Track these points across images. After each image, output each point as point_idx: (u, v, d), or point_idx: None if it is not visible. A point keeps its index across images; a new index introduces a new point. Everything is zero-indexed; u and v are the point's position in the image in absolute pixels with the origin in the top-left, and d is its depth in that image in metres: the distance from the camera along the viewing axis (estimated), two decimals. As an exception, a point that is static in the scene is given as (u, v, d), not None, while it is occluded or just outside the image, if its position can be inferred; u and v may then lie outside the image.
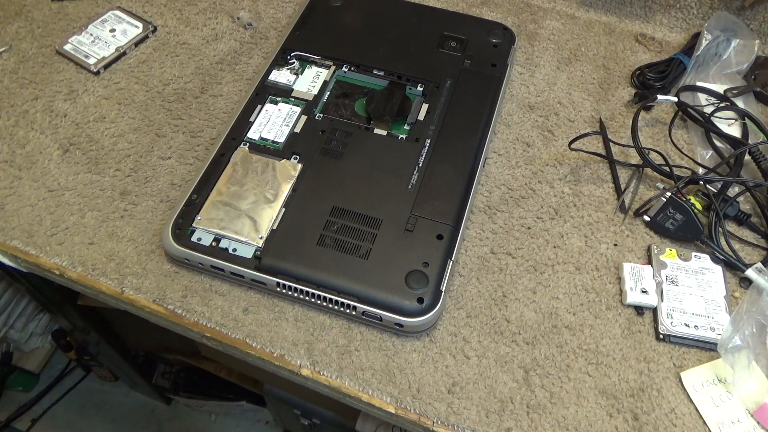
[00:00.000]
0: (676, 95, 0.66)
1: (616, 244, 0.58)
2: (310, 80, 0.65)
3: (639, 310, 0.54)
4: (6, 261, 0.58)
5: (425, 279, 0.51)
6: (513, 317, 0.53)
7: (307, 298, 0.52)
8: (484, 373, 0.50)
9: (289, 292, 0.52)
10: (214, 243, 0.53)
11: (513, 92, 0.70)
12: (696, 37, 0.71)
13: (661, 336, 0.52)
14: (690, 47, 0.71)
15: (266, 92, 0.64)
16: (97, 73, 0.69)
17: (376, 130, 0.61)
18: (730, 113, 0.65)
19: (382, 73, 0.65)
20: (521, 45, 0.74)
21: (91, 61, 0.69)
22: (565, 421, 0.48)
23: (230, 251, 0.52)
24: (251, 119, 0.61)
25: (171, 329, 0.55)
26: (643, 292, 0.53)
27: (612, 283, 0.56)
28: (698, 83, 0.68)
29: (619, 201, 0.61)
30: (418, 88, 0.65)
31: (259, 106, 0.62)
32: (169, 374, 1.26)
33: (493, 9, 0.78)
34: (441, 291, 0.51)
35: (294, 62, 0.66)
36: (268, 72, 0.65)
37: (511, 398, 0.49)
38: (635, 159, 0.62)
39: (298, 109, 0.62)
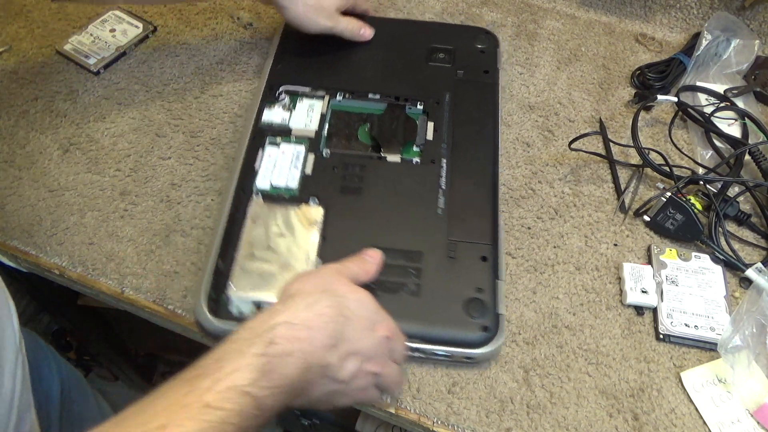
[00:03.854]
0: (676, 95, 0.66)
1: (616, 244, 0.58)
2: (305, 114, 0.61)
3: (639, 310, 0.54)
4: (6, 261, 0.58)
5: (483, 305, 0.49)
6: (513, 317, 0.53)
7: None
8: (484, 373, 0.50)
9: None
10: (256, 309, 0.48)
11: (513, 92, 0.70)
12: (696, 37, 0.71)
13: (661, 336, 0.52)
14: (690, 47, 0.71)
15: (263, 135, 0.59)
16: (97, 73, 0.69)
17: (389, 158, 0.58)
18: (730, 113, 0.65)
19: (378, 97, 0.63)
20: (521, 45, 0.74)
21: (91, 61, 0.69)
22: (565, 421, 0.48)
23: None
24: (255, 167, 0.56)
25: (171, 329, 0.55)
26: (643, 292, 0.53)
27: (612, 283, 0.56)
28: (698, 83, 0.68)
29: (619, 201, 0.61)
30: (418, 106, 0.62)
31: (261, 151, 0.58)
32: (169, 374, 1.25)
33: (493, 9, 0.78)
34: (499, 314, 0.50)
35: (284, 98, 0.62)
36: (260, 112, 0.61)
37: (511, 398, 0.49)
38: (635, 159, 0.62)
39: (302, 148, 0.58)
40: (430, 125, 0.61)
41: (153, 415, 0.32)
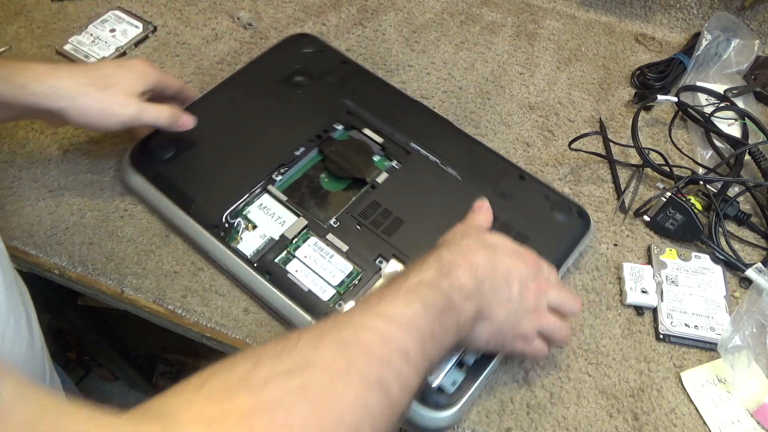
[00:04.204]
0: (676, 95, 0.66)
1: (616, 244, 0.58)
2: (270, 216, 0.55)
3: (639, 310, 0.54)
4: (6, 261, 0.58)
5: (563, 201, 0.57)
6: (513, 317, 0.53)
7: None
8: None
9: None
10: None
11: (513, 92, 0.70)
12: (696, 37, 0.71)
13: (661, 336, 0.52)
14: (690, 47, 0.71)
15: (269, 263, 0.52)
16: (97, 73, 0.68)
17: (378, 179, 0.57)
18: (730, 113, 0.65)
19: (303, 149, 0.59)
20: (521, 45, 0.74)
21: (91, 61, 0.69)
22: (565, 421, 0.48)
23: None
24: (306, 291, 0.50)
25: (171, 329, 0.55)
26: (643, 292, 0.53)
27: (612, 283, 0.56)
28: (698, 83, 0.68)
29: (619, 201, 0.61)
30: (338, 127, 0.61)
31: (290, 276, 0.51)
32: (169, 374, 1.26)
33: (493, 9, 0.78)
34: (570, 197, 0.58)
35: (236, 223, 0.54)
36: (239, 254, 0.52)
37: (511, 398, 0.49)
38: (635, 159, 0.62)
39: (314, 239, 0.53)
40: (367, 131, 0.60)
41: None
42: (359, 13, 0.77)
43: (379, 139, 0.60)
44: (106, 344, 1.09)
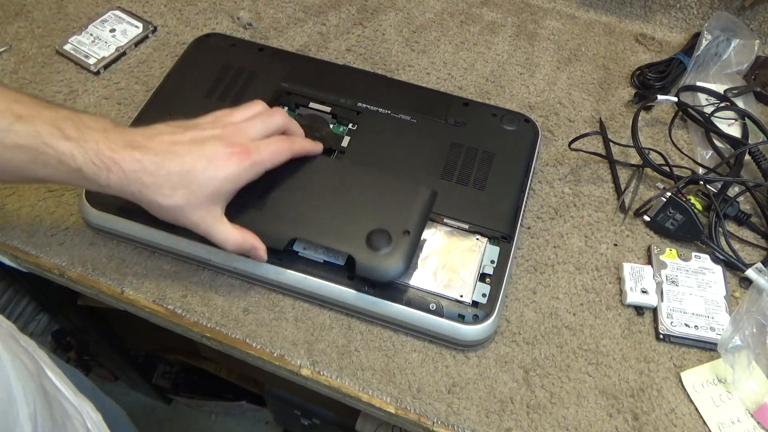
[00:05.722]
0: (676, 95, 0.66)
1: (616, 244, 0.58)
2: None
3: (639, 310, 0.54)
4: (6, 261, 0.58)
5: (508, 115, 0.62)
6: (513, 317, 0.53)
7: None
8: (484, 373, 0.50)
9: None
10: None
11: (513, 92, 0.70)
12: (696, 37, 0.71)
13: (661, 336, 0.52)
14: (690, 47, 0.71)
15: (291, 256, 0.52)
16: (97, 73, 0.69)
17: (343, 144, 0.59)
18: (730, 113, 0.65)
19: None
20: (521, 45, 0.74)
21: (91, 61, 0.69)
22: (565, 421, 0.48)
23: None
24: (320, 262, 0.52)
25: (171, 329, 0.55)
26: (643, 292, 0.53)
27: (612, 283, 0.56)
28: (698, 83, 0.68)
29: (619, 201, 0.61)
30: (284, 109, 0.61)
31: (299, 255, 0.52)
32: (169, 374, 1.26)
33: (493, 9, 0.78)
34: (515, 111, 0.64)
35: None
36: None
37: (511, 398, 0.49)
38: (635, 159, 0.62)
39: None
40: (314, 105, 0.62)
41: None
42: (359, 13, 0.77)
43: (327, 109, 0.62)
44: (106, 344, 1.09)
